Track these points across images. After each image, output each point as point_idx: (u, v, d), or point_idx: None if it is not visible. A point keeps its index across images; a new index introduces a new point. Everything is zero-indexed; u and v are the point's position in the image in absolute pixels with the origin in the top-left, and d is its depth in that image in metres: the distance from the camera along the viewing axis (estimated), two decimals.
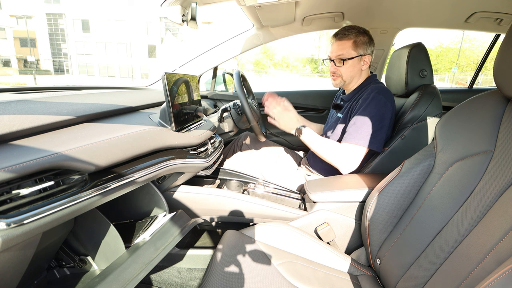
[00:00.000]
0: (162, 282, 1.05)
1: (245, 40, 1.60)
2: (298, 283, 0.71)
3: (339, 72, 1.17)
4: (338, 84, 1.20)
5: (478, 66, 2.47)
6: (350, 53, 1.12)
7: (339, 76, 1.17)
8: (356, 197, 0.94)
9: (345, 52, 1.13)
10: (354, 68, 1.15)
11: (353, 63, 1.14)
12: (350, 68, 1.15)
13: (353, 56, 1.13)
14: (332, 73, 1.19)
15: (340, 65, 1.15)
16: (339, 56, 1.14)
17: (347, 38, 1.12)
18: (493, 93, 0.66)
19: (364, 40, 1.12)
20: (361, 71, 1.17)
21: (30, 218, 0.42)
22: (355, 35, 1.11)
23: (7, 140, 0.48)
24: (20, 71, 28.79)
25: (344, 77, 1.17)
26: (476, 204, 0.57)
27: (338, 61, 1.15)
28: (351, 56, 1.13)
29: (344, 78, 1.17)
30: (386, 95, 1.07)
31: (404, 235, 0.71)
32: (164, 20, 27.60)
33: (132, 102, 0.94)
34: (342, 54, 1.13)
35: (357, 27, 1.13)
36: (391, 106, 1.06)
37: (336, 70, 1.17)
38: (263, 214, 1.01)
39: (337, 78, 1.19)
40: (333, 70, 1.18)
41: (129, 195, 0.81)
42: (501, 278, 0.41)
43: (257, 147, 1.53)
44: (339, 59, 1.14)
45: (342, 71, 1.16)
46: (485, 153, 0.61)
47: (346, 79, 1.18)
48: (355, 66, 1.15)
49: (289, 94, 2.10)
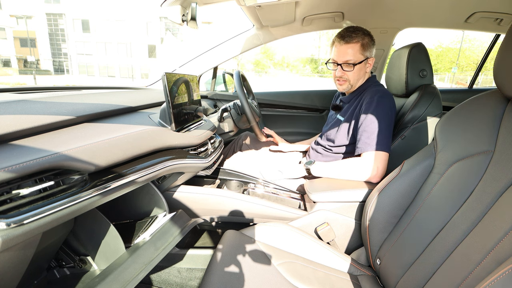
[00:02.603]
0: (162, 282, 1.05)
1: (245, 40, 1.60)
2: (298, 283, 0.71)
3: (347, 77, 1.12)
4: (345, 89, 1.17)
5: (478, 66, 2.47)
6: (358, 57, 1.08)
7: (346, 80, 1.13)
8: (356, 197, 0.94)
9: (354, 56, 1.08)
10: (361, 71, 1.12)
11: (361, 67, 1.11)
12: (357, 72, 1.11)
13: (362, 60, 1.09)
14: (339, 78, 1.14)
15: (349, 69, 1.10)
16: (348, 60, 1.09)
17: (355, 41, 1.07)
18: (493, 93, 0.66)
19: (369, 42, 1.09)
20: (365, 73, 1.15)
21: (30, 218, 0.42)
22: (362, 37, 1.07)
23: (7, 140, 0.48)
24: (20, 71, 28.80)
25: (351, 81, 1.14)
26: (476, 204, 0.57)
27: (346, 66, 1.10)
28: (360, 60, 1.09)
29: (352, 83, 1.14)
30: (390, 98, 1.06)
31: (404, 235, 0.71)
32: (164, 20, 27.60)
33: (132, 102, 0.94)
34: (351, 59, 1.09)
35: (361, 29, 1.09)
36: (394, 109, 1.06)
37: (344, 75, 1.12)
38: (263, 214, 1.01)
39: (344, 83, 1.15)
40: (341, 74, 1.13)
41: (129, 195, 0.81)
42: (501, 278, 0.41)
43: (257, 147, 1.53)
44: (347, 63, 1.09)
45: (350, 75, 1.12)
46: (485, 153, 0.61)
47: (353, 83, 1.14)
48: (361, 69, 1.12)
49: (289, 94, 2.10)
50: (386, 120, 1.02)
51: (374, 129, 1.01)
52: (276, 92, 2.13)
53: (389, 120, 1.03)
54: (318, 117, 2.07)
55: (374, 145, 1.00)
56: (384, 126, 1.01)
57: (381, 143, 1.00)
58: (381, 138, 1.00)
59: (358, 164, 1.02)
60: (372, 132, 1.01)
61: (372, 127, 1.01)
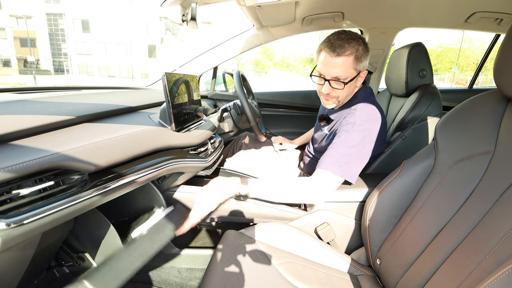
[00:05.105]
0: (162, 282, 1.05)
1: (245, 40, 1.60)
2: (298, 283, 0.71)
3: (335, 94, 0.95)
4: (331, 106, 1.00)
5: (478, 66, 2.47)
6: (351, 73, 0.90)
7: (334, 97, 0.96)
8: (356, 197, 0.94)
9: (346, 72, 0.89)
10: (351, 87, 0.95)
11: (352, 84, 0.94)
12: (348, 89, 0.94)
13: (354, 76, 0.92)
14: (326, 94, 0.96)
15: (339, 87, 0.92)
16: (339, 77, 0.90)
17: (348, 54, 0.87)
18: (493, 93, 0.66)
19: (364, 52, 0.90)
20: (355, 88, 0.99)
21: (30, 218, 0.42)
22: (356, 48, 0.88)
23: (7, 140, 0.48)
24: (20, 71, 28.80)
25: (340, 98, 0.96)
26: (476, 204, 0.57)
27: (336, 83, 0.91)
28: (352, 77, 0.91)
29: (340, 99, 0.97)
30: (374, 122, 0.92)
31: (404, 235, 0.71)
32: (164, 20, 27.58)
33: (132, 102, 0.94)
34: (342, 75, 0.90)
35: (355, 35, 0.90)
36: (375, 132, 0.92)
37: (332, 91, 0.94)
38: (263, 214, 1.01)
39: (331, 100, 0.97)
40: (328, 91, 0.94)
41: (129, 195, 0.81)
42: (501, 278, 0.41)
43: (257, 147, 1.53)
44: (337, 80, 0.91)
45: (339, 93, 0.94)
46: (485, 153, 0.61)
47: (342, 100, 0.98)
48: (352, 85, 0.95)
49: (289, 94, 2.10)
50: (359, 147, 0.88)
51: (340, 151, 0.88)
52: (276, 92, 2.13)
53: (364, 148, 0.89)
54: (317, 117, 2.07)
55: (332, 165, 0.86)
56: (354, 151, 0.88)
57: (340, 168, 0.86)
58: (344, 162, 0.87)
59: (303, 183, 0.88)
60: (337, 153, 0.88)
61: (339, 149, 0.89)
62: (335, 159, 0.87)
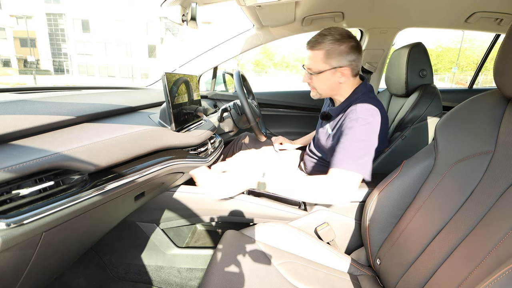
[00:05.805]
0: (162, 282, 1.05)
1: (245, 40, 1.60)
2: (298, 283, 0.71)
3: (313, 84, 1.03)
4: (315, 96, 1.07)
5: (478, 66, 2.47)
6: (320, 66, 0.96)
7: (314, 88, 1.04)
8: (356, 197, 0.94)
9: (315, 65, 0.96)
10: (328, 81, 0.99)
11: (326, 77, 0.98)
12: (322, 81, 0.99)
13: (323, 70, 0.96)
14: (308, 84, 1.05)
15: (311, 78, 1.01)
16: (309, 68, 0.99)
17: (318, 48, 0.94)
18: (493, 93, 0.66)
19: (340, 50, 0.92)
20: (339, 84, 1.00)
21: (30, 218, 0.42)
22: (330, 43, 0.92)
23: (7, 140, 0.48)
24: (20, 71, 28.80)
25: (318, 90, 1.03)
26: (476, 205, 0.57)
27: (308, 73, 1.01)
28: (320, 70, 0.96)
29: (319, 91, 1.03)
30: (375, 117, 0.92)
31: (404, 235, 0.71)
32: (164, 20, 27.58)
33: (132, 102, 0.94)
34: (311, 67, 0.98)
35: (334, 33, 0.93)
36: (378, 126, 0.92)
37: (310, 81, 1.03)
38: (263, 214, 1.01)
39: (312, 90, 1.06)
40: (307, 80, 1.04)
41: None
42: (501, 278, 0.41)
43: (257, 147, 1.53)
44: (310, 71, 1.00)
45: (314, 84, 1.02)
46: (485, 153, 0.61)
47: (322, 92, 1.04)
48: (329, 79, 0.98)
49: (289, 94, 2.10)
50: (367, 141, 0.88)
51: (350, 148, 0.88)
52: (276, 92, 2.13)
53: (370, 141, 0.89)
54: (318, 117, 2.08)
55: (346, 162, 0.85)
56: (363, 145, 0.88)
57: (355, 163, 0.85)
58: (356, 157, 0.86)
59: (322, 181, 0.86)
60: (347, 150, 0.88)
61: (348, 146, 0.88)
62: (346, 156, 0.87)
